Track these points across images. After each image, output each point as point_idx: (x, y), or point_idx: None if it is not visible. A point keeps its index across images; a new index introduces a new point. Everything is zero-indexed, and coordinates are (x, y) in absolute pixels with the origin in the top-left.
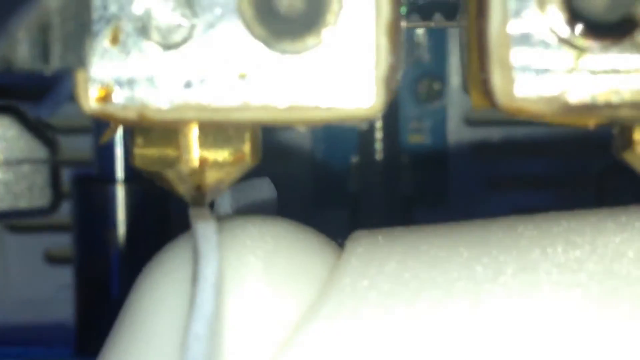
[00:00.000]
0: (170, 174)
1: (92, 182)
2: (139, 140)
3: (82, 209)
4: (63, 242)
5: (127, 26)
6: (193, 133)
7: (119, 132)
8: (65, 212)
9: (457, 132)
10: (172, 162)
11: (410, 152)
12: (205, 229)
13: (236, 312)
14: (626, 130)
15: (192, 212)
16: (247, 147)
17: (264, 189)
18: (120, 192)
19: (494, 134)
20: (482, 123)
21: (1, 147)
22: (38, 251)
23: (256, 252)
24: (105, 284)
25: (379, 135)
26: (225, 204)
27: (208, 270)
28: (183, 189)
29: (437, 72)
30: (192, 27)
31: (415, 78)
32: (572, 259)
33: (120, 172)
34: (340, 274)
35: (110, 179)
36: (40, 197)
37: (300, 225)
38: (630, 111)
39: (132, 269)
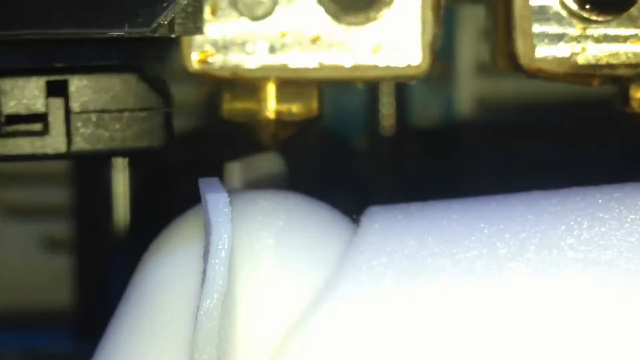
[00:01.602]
0: (252, 124)
1: (93, 165)
2: (227, 96)
3: (82, 193)
4: (61, 228)
5: (223, 2)
6: (271, 90)
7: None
8: (64, 197)
9: (467, 115)
10: (254, 114)
11: (419, 135)
12: (216, 201)
13: (248, 289)
14: (624, 89)
15: (202, 184)
16: (314, 102)
17: (274, 163)
18: (121, 176)
19: (505, 116)
20: (493, 106)
21: (125, 97)
22: (36, 236)
23: (268, 228)
24: (106, 269)
25: (387, 117)
26: (234, 178)
27: (220, 244)
28: (262, 136)
29: (446, 53)
30: (274, 3)
31: None
32: (599, 235)
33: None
34: (355, 251)
35: (112, 162)
36: (156, 138)
37: (314, 200)
38: (626, 70)
39: (133, 254)
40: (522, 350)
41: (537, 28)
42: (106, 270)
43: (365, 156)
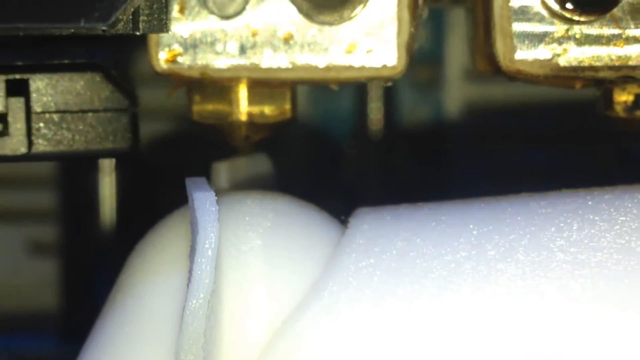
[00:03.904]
0: (223, 127)
1: (80, 169)
2: (197, 98)
3: (69, 196)
4: (48, 231)
5: None
6: (242, 91)
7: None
8: (50, 200)
9: (455, 119)
10: (225, 116)
11: (407, 139)
12: (203, 200)
13: (235, 289)
14: (607, 92)
15: (189, 183)
16: (287, 105)
17: (261, 164)
18: (108, 179)
19: (494, 121)
20: (482, 110)
21: (89, 97)
22: (22, 239)
23: (256, 229)
24: (92, 272)
25: (376, 121)
26: (221, 178)
27: (207, 243)
28: (234, 139)
29: (435, 58)
30: (245, 1)
31: (413, 63)
32: (588, 237)
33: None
34: (343, 252)
35: (98, 165)
36: (122, 140)
37: (302, 201)
38: (609, 72)
39: (119, 257)
40: (510, 352)
41: (517, 28)
42: (92, 273)
43: (354, 160)
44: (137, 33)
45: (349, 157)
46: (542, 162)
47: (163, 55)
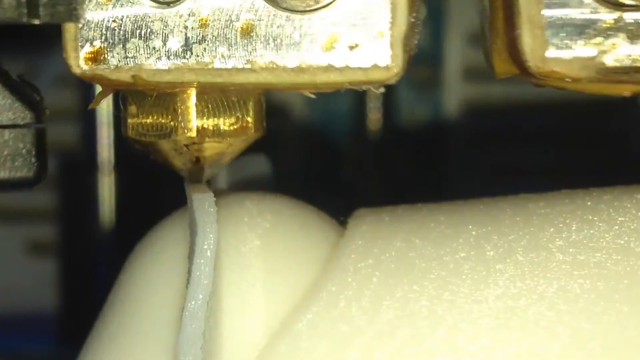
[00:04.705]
0: (165, 146)
1: (79, 169)
2: (132, 109)
3: (68, 196)
4: (47, 231)
5: None
6: (191, 99)
7: (109, 116)
8: (50, 200)
9: (454, 119)
10: (168, 133)
11: (406, 139)
12: (202, 202)
13: (234, 290)
14: None
15: (188, 185)
16: (250, 116)
17: (260, 165)
18: (107, 180)
19: (493, 121)
20: (481, 110)
21: None
22: (21, 240)
23: (254, 230)
24: (91, 272)
25: (374, 121)
26: (219, 179)
27: (206, 244)
28: (179, 162)
29: (434, 58)
30: None
31: (412, 63)
32: (587, 237)
33: (107, 159)
34: (342, 253)
35: (97, 166)
36: (23, 167)
37: (301, 202)
38: None
39: (118, 258)
40: (509, 353)
41: (550, 17)
42: (91, 274)
43: (352, 160)
44: (36, 22)
45: (348, 158)
46: (541, 162)
47: (82, 52)
